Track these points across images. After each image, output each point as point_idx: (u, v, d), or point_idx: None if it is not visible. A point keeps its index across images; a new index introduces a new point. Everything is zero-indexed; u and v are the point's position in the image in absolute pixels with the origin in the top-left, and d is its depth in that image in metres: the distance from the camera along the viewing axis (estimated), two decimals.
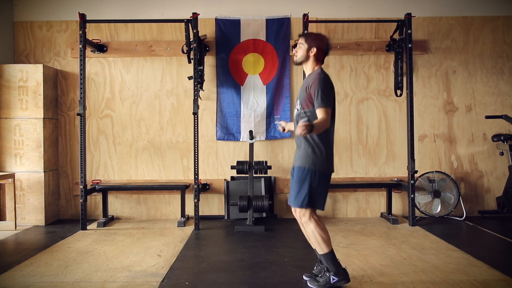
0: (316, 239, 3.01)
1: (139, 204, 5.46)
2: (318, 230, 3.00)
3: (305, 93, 3.02)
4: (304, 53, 3.10)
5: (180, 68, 5.43)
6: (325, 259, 3.03)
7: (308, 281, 3.13)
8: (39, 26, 5.46)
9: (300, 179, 2.98)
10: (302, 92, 3.08)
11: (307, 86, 3.02)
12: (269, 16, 5.41)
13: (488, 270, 3.37)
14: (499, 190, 5.41)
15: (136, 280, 3.20)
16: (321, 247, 3.01)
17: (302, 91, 3.08)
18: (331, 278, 3.02)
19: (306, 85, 3.04)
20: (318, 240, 3.00)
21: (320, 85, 2.95)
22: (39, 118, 5.05)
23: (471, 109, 5.49)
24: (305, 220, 3.02)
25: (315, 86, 2.96)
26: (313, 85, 2.97)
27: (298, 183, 2.99)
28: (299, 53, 3.11)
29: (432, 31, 5.47)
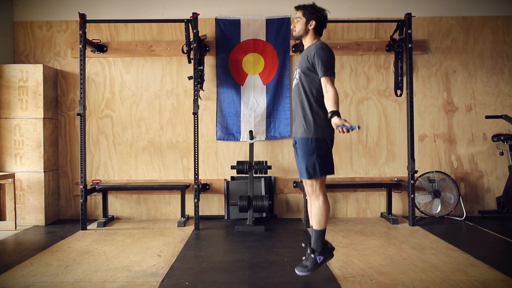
0: (320, 214, 3.04)
1: (139, 204, 5.46)
2: (326, 206, 3.05)
3: (307, 61, 3.02)
4: (303, 27, 3.10)
5: (180, 68, 5.43)
6: (318, 236, 3.07)
7: (296, 269, 3.14)
8: (39, 26, 5.46)
9: (307, 150, 3.00)
10: (302, 61, 3.07)
11: (308, 56, 3.02)
12: (269, 16, 5.41)
13: (488, 270, 3.37)
14: (499, 190, 5.41)
15: (136, 280, 3.20)
16: (321, 223, 3.05)
17: (303, 61, 3.06)
18: (317, 258, 3.06)
19: (307, 54, 3.04)
20: (322, 215, 3.04)
21: (324, 54, 2.97)
22: (39, 118, 5.05)
23: (471, 109, 5.49)
24: (317, 192, 3.05)
25: (318, 55, 2.96)
26: (316, 54, 2.97)
27: (306, 154, 3.01)
28: (297, 27, 3.11)
29: (432, 31, 5.47)
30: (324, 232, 3.09)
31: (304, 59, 3.07)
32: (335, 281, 3.17)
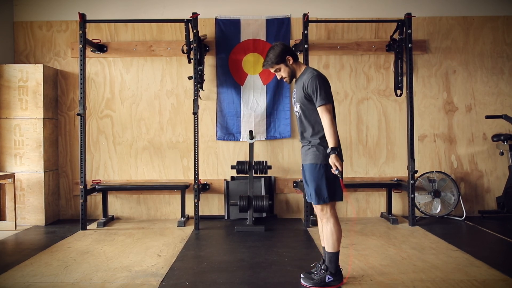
0: (332, 236, 3.04)
1: (139, 204, 5.46)
2: (337, 228, 3.06)
3: (302, 92, 3.06)
4: (288, 70, 3.15)
5: (180, 68, 5.43)
6: (331, 258, 3.06)
7: (302, 278, 3.13)
8: (39, 26, 5.46)
9: (316, 175, 3.03)
10: (299, 93, 3.11)
11: (302, 87, 3.06)
12: (269, 16, 5.41)
13: (488, 270, 3.37)
14: (499, 190, 5.41)
15: (136, 280, 3.20)
16: (334, 245, 3.05)
17: (299, 92, 3.10)
18: (327, 277, 3.05)
19: (302, 84, 3.07)
20: (334, 237, 3.05)
21: (316, 83, 3.00)
22: (39, 118, 5.05)
23: (471, 109, 5.49)
24: (328, 216, 3.06)
25: (311, 85, 3.00)
26: (309, 85, 3.01)
27: (315, 180, 3.03)
28: (285, 75, 3.17)
29: (432, 31, 5.47)
30: (338, 254, 3.08)
31: (300, 90, 3.11)
32: None
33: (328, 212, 3.07)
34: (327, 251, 3.09)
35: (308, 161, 3.07)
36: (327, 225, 3.07)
